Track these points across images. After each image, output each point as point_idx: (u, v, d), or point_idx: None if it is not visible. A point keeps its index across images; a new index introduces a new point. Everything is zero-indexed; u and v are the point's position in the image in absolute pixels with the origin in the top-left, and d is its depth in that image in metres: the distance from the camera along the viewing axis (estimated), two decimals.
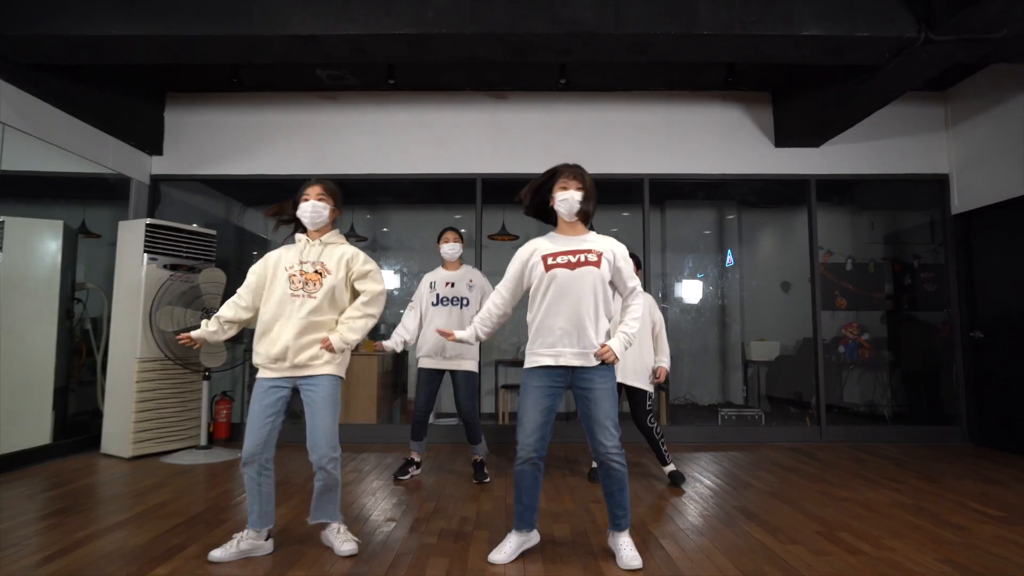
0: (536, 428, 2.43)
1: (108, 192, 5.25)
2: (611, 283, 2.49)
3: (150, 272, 4.58)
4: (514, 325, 6.53)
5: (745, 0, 3.57)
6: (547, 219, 2.61)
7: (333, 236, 2.62)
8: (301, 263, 2.53)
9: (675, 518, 3.08)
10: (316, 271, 2.52)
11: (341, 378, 2.60)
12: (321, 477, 2.52)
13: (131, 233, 4.66)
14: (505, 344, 7.01)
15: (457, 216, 6.71)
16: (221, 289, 4.67)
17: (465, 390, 3.83)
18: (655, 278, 6.95)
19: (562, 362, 2.42)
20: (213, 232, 5.12)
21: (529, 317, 2.52)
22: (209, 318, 2.63)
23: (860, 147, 5.44)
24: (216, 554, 2.45)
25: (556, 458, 4.57)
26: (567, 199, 2.43)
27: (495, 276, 3.89)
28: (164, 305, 4.47)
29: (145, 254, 4.58)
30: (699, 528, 2.92)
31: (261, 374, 2.56)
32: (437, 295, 3.85)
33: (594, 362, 2.40)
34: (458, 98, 5.53)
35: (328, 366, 2.52)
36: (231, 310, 2.58)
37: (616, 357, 2.39)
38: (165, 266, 4.68)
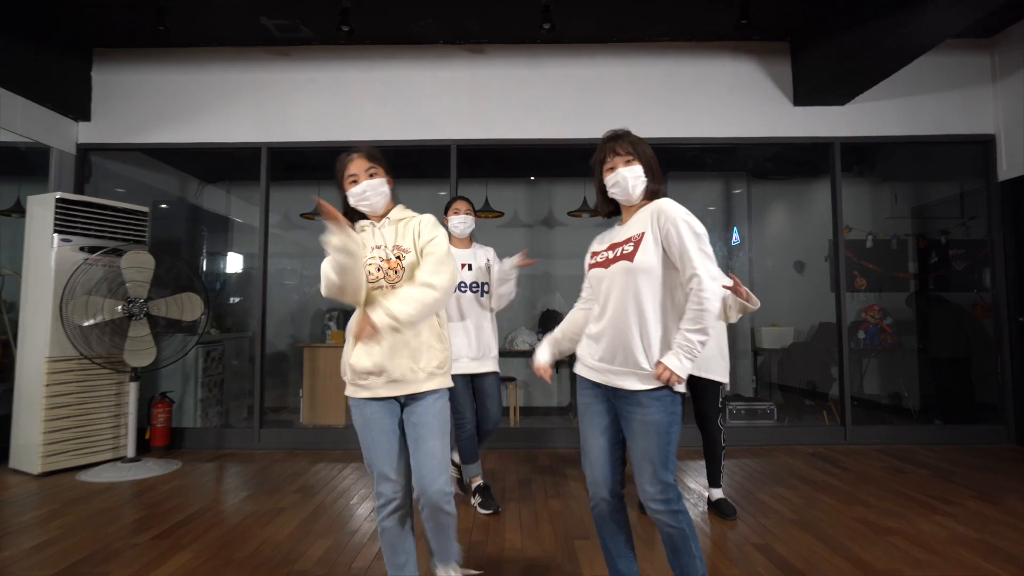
0: (600, 455, 1.82)
1: (22, 164, 4.55)
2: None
3: (62, 255, 3.90)
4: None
5: None
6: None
7: (400, 211, 2.01)
8: (375, 247, 1.91)
9: None
10: (397, 256, 1.89)
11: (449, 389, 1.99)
12: (432, 516, 1.90)
13: (41, 210, 3.97)
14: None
15: (442, 193, 6.02)
16: (149, 275, 3.98)
17: (496, 398, 3.11)
18: None
19: (598, 379, 1.81)
20: (144, 209, 4.42)
21: None
22: (135, 308, 1.95)
23: (892, 104, 4.71)
24: None
25: (541, 467, 3.93)
26: (617, 182, 1.81)
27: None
28: (80, 295, 3.80)
29: (56, 234, 3.89)
30: None
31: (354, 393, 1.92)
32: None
33: (644, 384, 1.72)
34: (430, 52, 4.79)
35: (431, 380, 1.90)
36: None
37: (679, 378, 1.68)
38: (82, 248, 3.99)
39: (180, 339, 4.51)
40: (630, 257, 1.74)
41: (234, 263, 6.49)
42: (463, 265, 3.10)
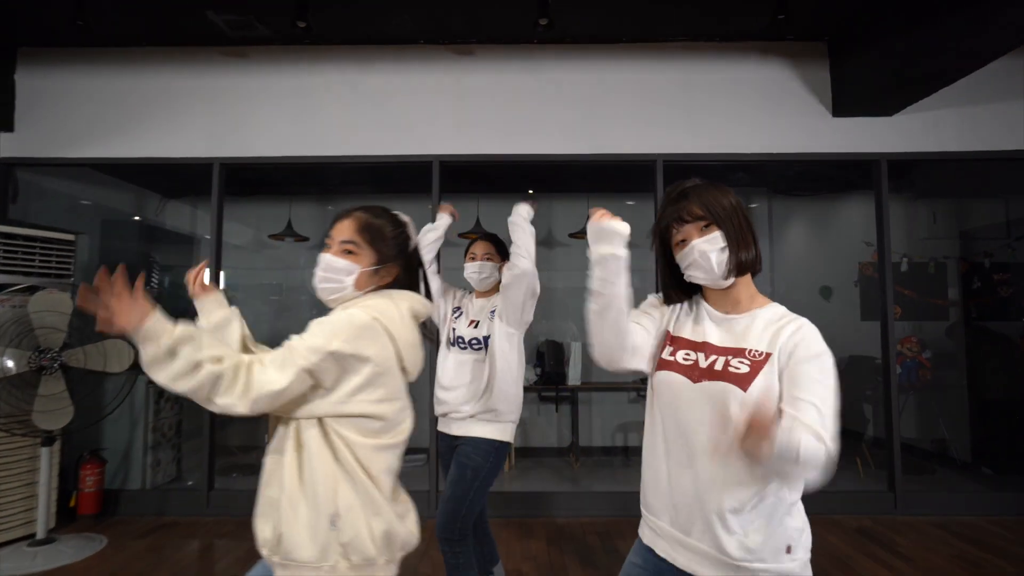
0: None
1: None
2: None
3: None
4: None
5: None
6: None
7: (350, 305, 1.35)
8: None
9: None
10: None
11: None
12: None
13: None
14: None
15: (430, 206, 5.35)
16: (66, 320, 3.32)
17: (455, 472, 2.30)
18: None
19: (675, 562, 1.21)
20: (68, 237, 3.75)
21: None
22: (45, 361, 1.40)
23: (947, 115, 4.04)
24: None
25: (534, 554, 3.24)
26: (693, 260, 1.23)
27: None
28: None
29: None
30: None
31: None
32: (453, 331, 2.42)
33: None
34: (409, 54, 4.13)
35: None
36: None
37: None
38: None
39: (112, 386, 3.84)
40: (744, 383, 1.12)
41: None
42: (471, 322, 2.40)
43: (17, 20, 3.79)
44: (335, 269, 1.34)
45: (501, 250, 2.46)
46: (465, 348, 2.34)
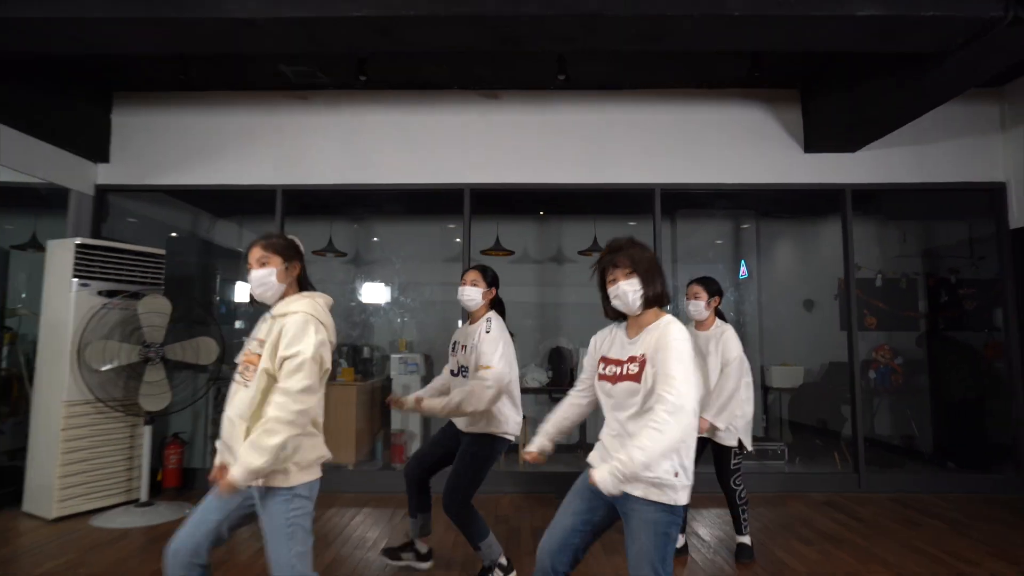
0: (559, 532, 1.89)
1: (39, 200, 4.61)
2: None
3: (81, 300, 3.93)
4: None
5: None
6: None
7: (285, 304, 1.97)
8: (255, 338, 1.99)
9: None
10: (257, 352, 1.92)
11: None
12: None
13: (60, 254, 4.01)
14: None
15: (452, 226, 6.06)
16: (166, 320, 4.02)
17: (458, 463, 2.78)
18: None
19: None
20: (161, 252, 4.47)
21: None
22: (151, 353, 2.00)
23: (901, 152, 4.76)
24: None
25: None
26: (618, 296, 1.88)
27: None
28: (97, 339, 3.83)
29: (75, 279, 3.93)
30: None
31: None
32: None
33: (636, 490, 1.77)
34: (444, 98, 4.87)
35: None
36: None
37: (606, 486, 1.67)
38: (100, 292, 4.03)
39: (192, 380, 4.52)
40: (636, 379, 1.81)
41: (245, 296, 6.52)
42: (458, 346, 2.88)
43: (115, 72, 4.54)
44: (261, 276, 1.93)
45: (487, 278, 2.85)
46: (456, 376, 2.84)
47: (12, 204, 5.11)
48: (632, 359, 1.84)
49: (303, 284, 2.05)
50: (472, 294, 2.79)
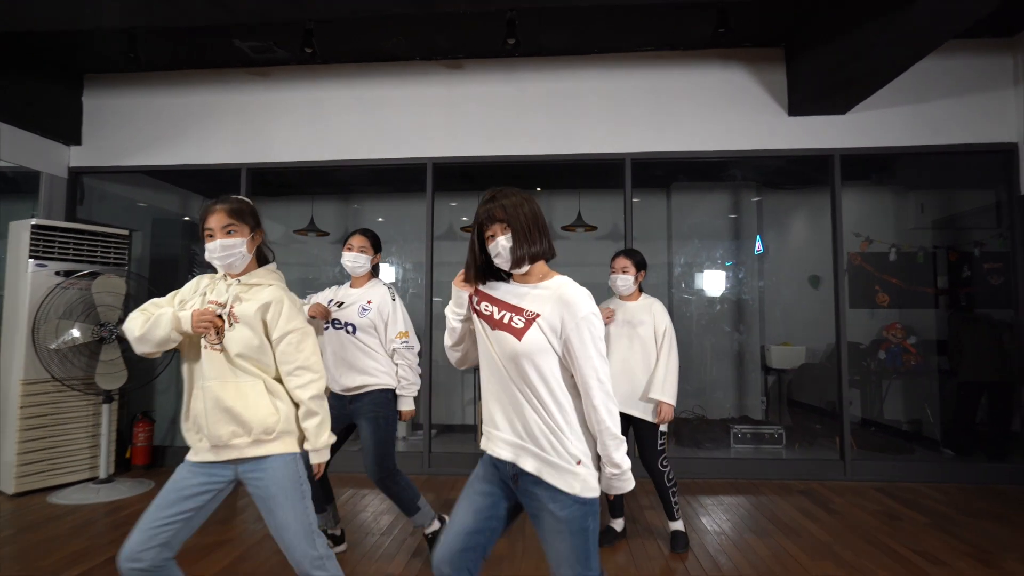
0: (458, 535, 1.61)
1: (11, 187, 4.70)
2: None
3: (37, 280, 3.98)
4: None
5: None
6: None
7: (261, 275, 1.89)
8: (214, 302, 1.84)
9: None
10: (230, 324, 1.80)
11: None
12: None
13: (18, 234, 4.07)
14: None
15: (453, 205, 5.91)
16: (120, 300, 4.04)
17: (370, 426, 2.73)
18: (659, 268, 6.01)
19: (499, 454, 1.62)
20: (124, 232, 4.49)
21: None
22: (105, 332, 1.97)
23: (900, 112, 4.33)
24: None
25: None
26: (499, 253, 1.59)
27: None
28: (52, 318, 3.87)
29: (31, 259, 3.98)
30: None
31: None
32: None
33: (541, 472, 1.54)
34: (407, 69, 4.70)
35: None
36: None
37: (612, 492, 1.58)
38: (58, 272, 4.07)
39: (162, 360, 4.57)
40: (518, 335, 1.54)
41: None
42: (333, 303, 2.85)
43: (83, 52, 4.55)
44: (230, 246, 1.79)
45: (375, 243, 2.90)
46: (340, 329, 2.77)
47: None
48: (519, 310, 1.57)
49: (261, 254, 1.94)
50: (362, 260, 2.83)
